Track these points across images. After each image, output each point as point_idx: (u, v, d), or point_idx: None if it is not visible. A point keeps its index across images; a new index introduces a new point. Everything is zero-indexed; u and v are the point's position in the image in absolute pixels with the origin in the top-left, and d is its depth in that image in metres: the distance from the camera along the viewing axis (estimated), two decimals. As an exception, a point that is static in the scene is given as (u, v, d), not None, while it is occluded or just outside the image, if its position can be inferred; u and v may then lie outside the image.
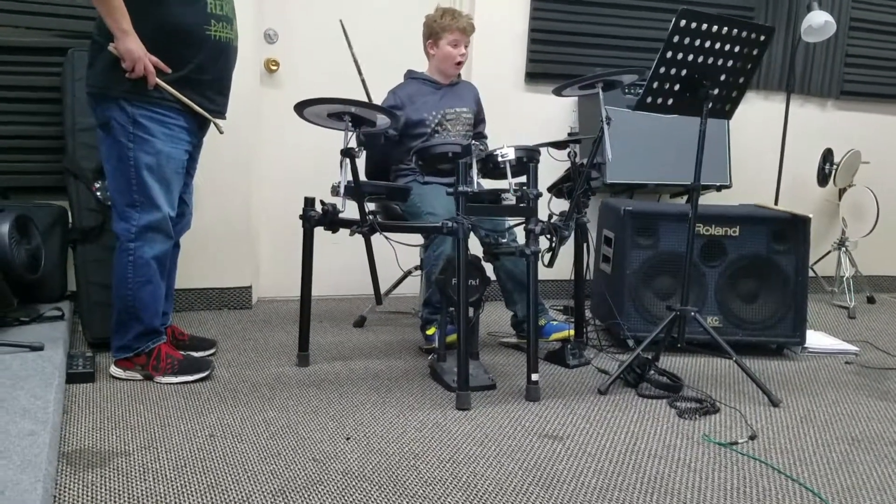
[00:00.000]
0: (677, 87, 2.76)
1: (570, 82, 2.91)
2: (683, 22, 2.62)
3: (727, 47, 2.73)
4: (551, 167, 3.18)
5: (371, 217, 2.77)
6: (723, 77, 2.79)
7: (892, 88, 4.80)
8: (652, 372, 2.82)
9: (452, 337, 2.83)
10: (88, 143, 3.00)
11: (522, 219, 2.79)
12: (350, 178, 2.64)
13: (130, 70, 2.40)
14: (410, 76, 3.42)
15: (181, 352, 2.75)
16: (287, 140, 3.82)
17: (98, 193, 2.99)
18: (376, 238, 2.83)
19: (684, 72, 2.73)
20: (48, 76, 3.19)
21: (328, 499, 1.87)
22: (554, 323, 3.35)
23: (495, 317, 3.67)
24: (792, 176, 4.51)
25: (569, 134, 3.41)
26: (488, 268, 2.89)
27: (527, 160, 2.76)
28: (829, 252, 4.60)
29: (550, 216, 3.01)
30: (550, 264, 2.97)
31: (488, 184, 2.91)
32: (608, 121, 2.81)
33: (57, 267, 3.14)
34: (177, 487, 1.88)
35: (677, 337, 2.85)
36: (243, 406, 2.45)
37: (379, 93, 3.34)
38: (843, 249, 4.51)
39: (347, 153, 2.58)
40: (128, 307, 2.57)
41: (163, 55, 2.45)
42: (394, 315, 3.77)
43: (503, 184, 2.77)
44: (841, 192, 4.59)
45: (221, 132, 2.71)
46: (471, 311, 2.71)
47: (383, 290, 3.23)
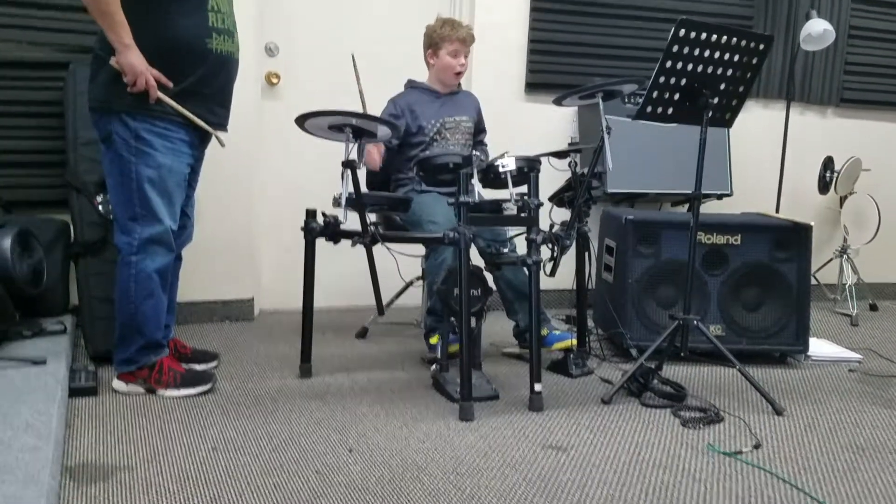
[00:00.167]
0: (677, 97, 2.77)
1: (570, 92, 2.92)
2: (682, 32, 2.62)
3: (726, 56, 2.73)
4: (552, 177, 3.18)
5: (372, 228, 2.78)
6: (722, 86, 2.80)
7: (892, 96, 4.81)
8: (655, 381, 2.82)
9: (455, 347, 2.83)
10: (90, 157, 3.00)
11: (524, 228, 2.79)
12: (351, 190, 2.65)
13: (132, 84, 2.41)
14: (410, 85, 3.43)
15: (183, 365, 2.75)
16: (288, 152, 3.83)
17: (100, 207, 2.99)
18: (378, 249, 2.83)
19: (684, 81, 2.73)
20: (50, 91, 3.21)
21: (332, 512, 1.86)
22: (556, 332, 3.35)
23: (497, 327, 3.66)
24: (793, 184, 4.51)
25: (569, 143, 3.41)
26: (489, 278, 2.89)
27: (527, 170, 2.76)
28: (831, 260, 4.60)
29: (552, 225, 3.01)
30: (552, 274, 2.97)
31: (489, 194, 2.91)
32: (608, 130, 2.82)
33: (59, 281, 3.14)
34: (180, 501, 1.88)
35: (680, 346, 2.84)
36: (246, 419, 2.45)
37: (379, 102, 3.35)
38: (845, 257, 4.51)
39: (349, 165, 2.59)
40: (130, 320, 2.57)
41: (164, 69, 2.46)
42: (396, 326, 3.76)
43: (504, 194, 2.78)
44: (842, 200, 4.59)
45: (223, 145, 2.71)
46: (473, 322, 2.70)
47: (385, 301, 3.23)
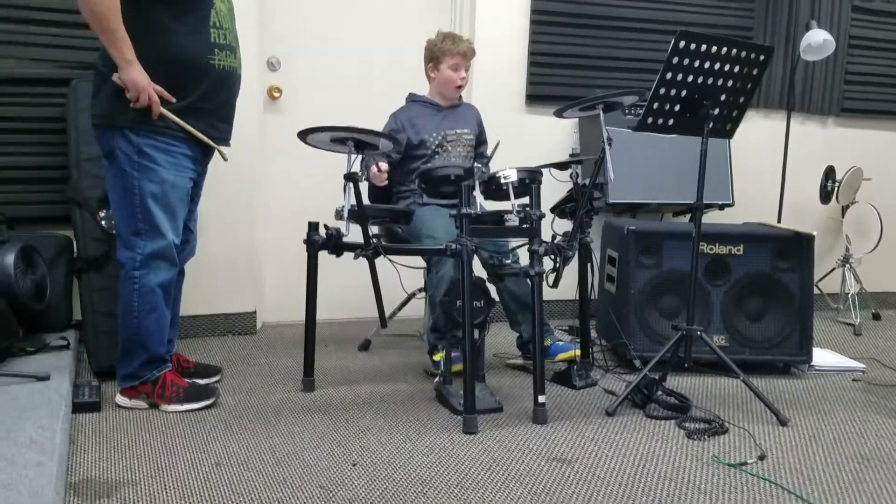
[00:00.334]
0: (678, 108, 2.77)
1: (571, 104, 2.93)
2: (683, 43, 2.63)
3: (727, 67, 2.74)
4: (554, 188, 3.18)
5: (375, 240, 2.78)
6: (723, 97, 2.81)
7: (893, 105, 4.82)
8: (659, 392, 2.81)
9: (458, 367, 2.82)
10: (93, 173, 3.01)
11: (526, 240, 2.79)
12: (353, 202, 2.65)
13: (135, 100, 2.42)
14: (412, 99, 3.44)
15: (186, 379, 2.75)
16: (290, 166, 3.84)
17: (103, 222, 3.00)
18: (380, 261, 2.83)
19: (684, 92, 2.74)
20: (52, 107, 3.22)
21: (336, 526, 1.86)
22: (560, 343, 3.34)
23: (500, 338, 3.66)
24: (794, 194, 4.51)
25: (570, 155, 3.42)
26: (492, 289, 2.89)
27: (529, 181, 2.77)
28: (834, 269, 4.59)
29: (554, 236, 3.01)
30: (555, 285, 2.97)
31: (491, 205, 2.92)
32: (609, 142, 2.82)
33: (62, 296, 3.14)
34: (184, 517, 1.88)
35: (684, 356, 2.84)
36: (249, 433, 2.44)
37: (381, 116, 3.36)
38: (848, 266, 4.50)
39: (351, 178, 2.59)
40: (133, 335, 2.57)
41: (167, 84, 2.47)
42: (399, 338, 3.76)
43: (506, 205, 2.78)
44: (844, 209, 4.59)
45: (226, 159, 2.72)
46: (476, 333, 2.70)
47: (388, 313, 3.22)
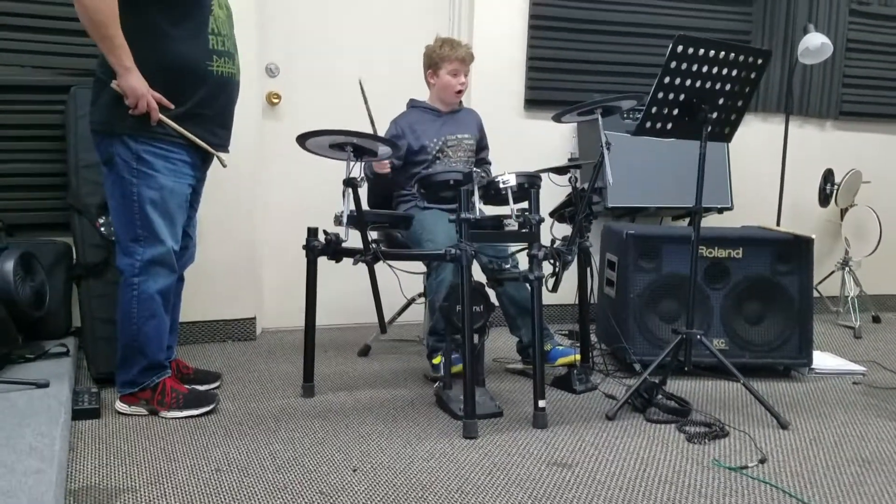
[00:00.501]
0: (676, 112, 2.78)
1: (569, 109, 2.93)
2: (680, 48, 2.64)
3: (725, 71, 2.75)
4: (553, 192, 3.18)
5: (374, 246, 2.78)
6: (721, 101, 2.81)
7: (891, 108, 4.83)
8: (659, 396, 2.80)
9: (458, 368, 2.82)
10: (92, 180, 3.01)
11: (525, 244, 2.79)
12: (353, 208, 2.65)
13: (133, 106, 2.42)
14: (412, 105, 3.45)
15: (186, 385, 2.75)
16: (289, 171, 3.84)
17: (102, 229, 3.00)
18: (379, 266, 2.83)
19: (682, 96, 2.75)
20: (51, 114, 3.22)
21: (336, 532, 1.85)
22: (559, 348, 3.34)
23: (500, 343, 3.66)
24: (793, 197, 4.51)
25: (569, 159, 3.43)
26: (491, 294, 2.89)
27: (528, 186, 2.77)
28: (833, 272, 4.59)
29: (553, 241, 3.02)
30: (554, 289, 2.96)
31: (490, 210, 2.92)
32: (608, 146, 2.83)
33: (61, 303, 3.14)
34: (184, 523, 1.87)
35: (684, 360, 2.83)
36: (249, 439, 2.44)
37: (380, 122, 3.36)
38: (847, 269, 4.51)
39: (350, 183, 2.59)
40: (132, 342, 2.57)
41: (165, 91, 2.47)
42: (398, 343, 3.76)
43: (505, 210, 2.78)
44: (843, 213, 4.59)
45: (225, 165, 2.72)
46: (476, 338, 2.70)
47: (387, 318, 3.23)
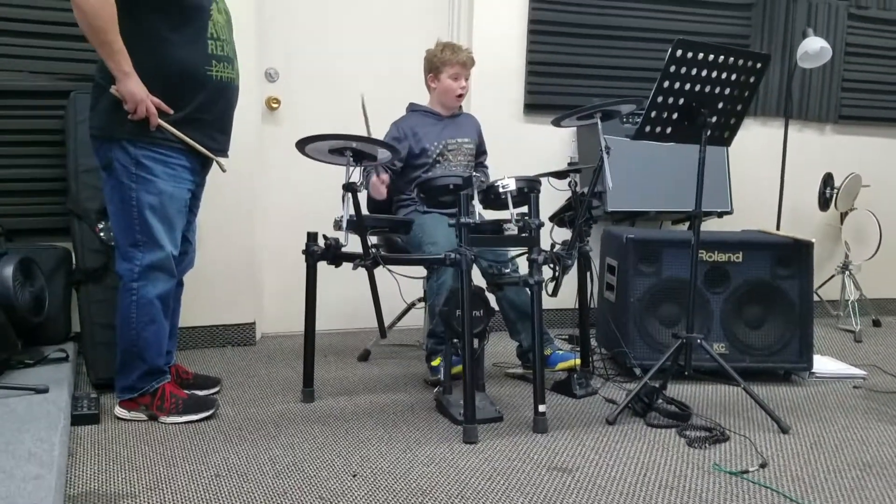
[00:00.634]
0: (675, 116, 2.78)
1: (569, 113, 2.93)
2: (680, 52, 2.64)
3: (724, 75, 2.75)
4: (552, 197, 3.19)
5: (374, 250, 2.78)
6: (720, 105, 2.81)
7: (890, 112, 4.83)
8: (660, 401, 2.80)
9: (458, 368, 2.82)
10: (91, 185, 3.01)
11: (525, 248, 2.79)
12: (352, 212, 2.65)
13: (132, 111, 2.42)
14: (412, 109, 3.45)
15: (185, 391, 2.75)
16: (289, 176, 3.84)
17: (101, 234, 3.00)
18: (379, 271, 2.83)
19: (682, 101, 2.75)
20: (51, 119, 3.22)
21: (336, 538, 1.85)
22: (559, 352, 3.34)
23: (500, 347, 3.65)
24: (793, 201, 4.51)
25: (569, 164, 3.42)
26: (491, 298, 2.89)
27: (528, 190, 2.77)
28: (833, 276, 4.59)
29: (553, 245, 3.01)
30: (554, 293, 2.96)
31: (490, 214, 2.92)
32: (607, 150, 2.83)
33: (61, 308, 3.14)
34: (183, 529, 1.87)
35: (684, 365, 2.83)
36: (248, 444, 2.43)
37: (381, 126, 3.36)
38: (847, 273, 4.50)
39: (349, 188, 2.59)
40: (132, 347, 2.57)
41: (164, 96, 2.47)
42: (398, 348, 3.75)
43: (505, 214, 2.78)
44: (842, 216, 4.59)
45: (224, 170, 2.72)
46: (476, 343, 2.70)
47: (387, 323, 3.22)
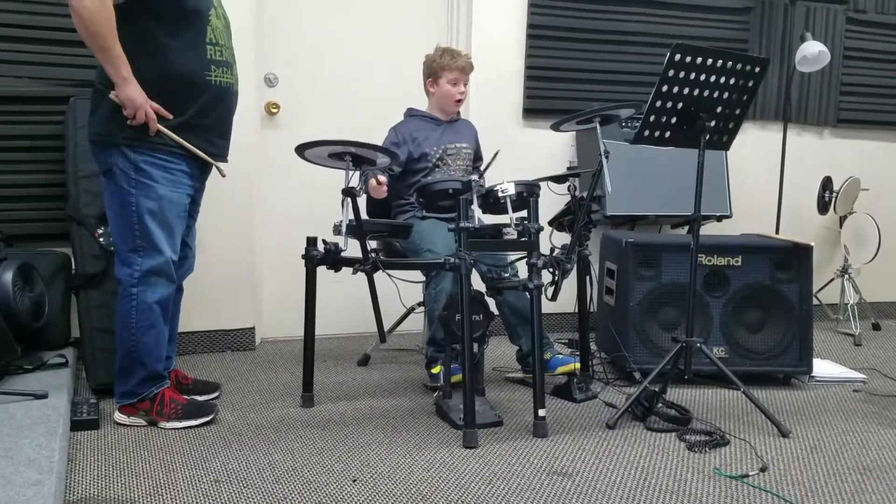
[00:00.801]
0: (674, 120, 2.78)
1: (568, 118, 2.93)
2: (678, 56, 2.65)
3: (722, 80, 2.75)
4: (552, 201, 3.19)
5: (373, 255, 2.78)
6: (719, 109, 2.81)
7: (889, 115, 4.84)
8: (660, 405, 2.80)
9: (458, 377, 2.82)
10: (91, 190, 3.01)
11: (524, 253, 2.79)
12: (352, 217, 2.65)
13: (132, 117, 2.42)
14: (410, 113, 3.45)
15: (185, 396, 2.74)
16: (288, 181, 3.84)
17: (101, 239, 3.00)
18: (379, 275, 2.83)
19: (680, 105, 2.75)
20: (50, 125, 3.22)
21: (336, 543, 1.84)
22: (559, 356, 3.33)
23: (500, 352, 3.65)
24: (792, 205, 4.52)
25: (568, 168, 3.43)
26: (491, 303, 2.89)
27: (527, 195, 2.77)
28: (833, 280, 4.59)
29: (552, 249, 3.01)
30: (554, 298, 2.96)
31: (489, 219, 2.92)
32: (607, 154, 2.83)
33: (60, 314, 3.14)
34: (182, 535, 1.86)
35: (684, 368, 2.83)
36: (248, 449, 2.43)
37: (380, 129, 3.36)
38: (847, 277, 4.50)
39: (349, 192, 2.59)
40: (131, 352, 2.56)
41: (164, 101, 2.47)
42: (398, 352, 3.75)
43: (504, 219, 2.78)
44: (842, 220, 4.59)
45: (224, 175, 2.73)
46: (475, 347, 2.70)
47: (386, 328, 3.22)
